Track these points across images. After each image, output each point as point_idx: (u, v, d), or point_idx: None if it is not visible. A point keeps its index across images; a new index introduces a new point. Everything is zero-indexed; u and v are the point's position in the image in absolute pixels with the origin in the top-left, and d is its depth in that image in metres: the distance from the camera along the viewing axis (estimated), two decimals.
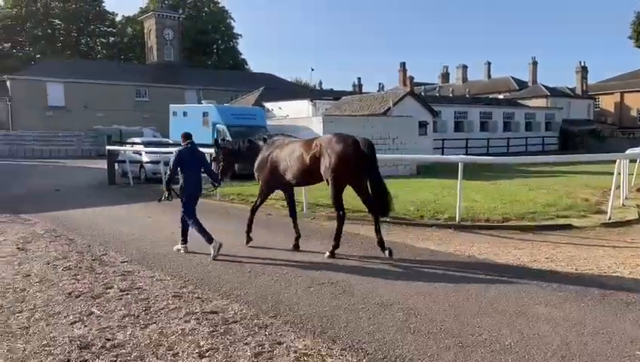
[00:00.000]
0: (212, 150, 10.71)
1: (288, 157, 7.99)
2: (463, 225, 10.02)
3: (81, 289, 5.95)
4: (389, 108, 27.72)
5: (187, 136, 8.38)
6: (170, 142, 22.65)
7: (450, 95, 50.00)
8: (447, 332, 4.69)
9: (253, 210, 8.57)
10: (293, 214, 8.48)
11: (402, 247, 8.27)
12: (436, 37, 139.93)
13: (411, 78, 71.18)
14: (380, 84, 64.52)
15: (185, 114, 25.54)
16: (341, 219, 7.64)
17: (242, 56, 77.96)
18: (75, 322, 4.96)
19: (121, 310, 5.28)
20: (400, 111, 27.60)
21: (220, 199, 14.02)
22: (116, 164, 19.55)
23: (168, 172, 8.09)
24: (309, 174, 7.84)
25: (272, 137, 8.84)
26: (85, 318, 5.06)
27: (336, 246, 7.64)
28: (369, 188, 7.61)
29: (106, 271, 6.84)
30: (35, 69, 48.67)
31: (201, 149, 8.82)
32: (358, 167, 7.43)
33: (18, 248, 8.15)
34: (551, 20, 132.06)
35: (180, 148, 8.27)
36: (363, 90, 60.99)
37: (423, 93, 44.10)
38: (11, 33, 62.75)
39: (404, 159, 21.91)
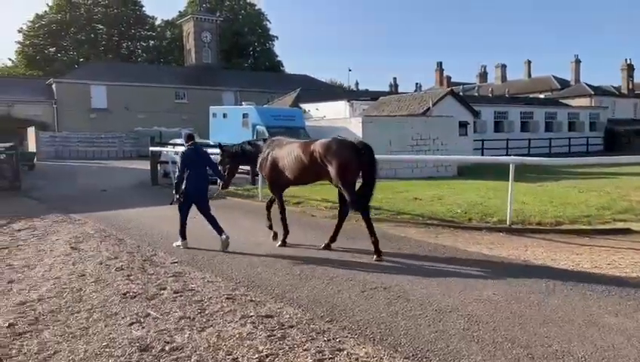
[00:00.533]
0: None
1: (287, 156, 8.27)
2: (514, 229, 9.68)
3: (135, 290, 5.98)
4: (429, 109, 27.29)
5: (190, 137, 8.93)
6: (211, 143, 22.86)
7: (490, 95, 48.94)
8: (514, 342, 4.48)
9: (281, 212, 8.67)
10: (269, 207, 8.94)
11: (453, 251, 8.05)
12: (472, 37, 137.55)
13: (448, 78, 69.90)
14: (417, 84, 63.85)
15: (225, 115, 25.77)
16: (368, 220, 7.64)
17: (278, 58, 78.46)
18: (133, 323, 4.97)
19: (176, 312, 5.27)
20: (439, 112, 27.14)
21: (263, 200, 13.99)
22: (158, 165, 19.86)
23: (177, 173, 8.51)
24: (307, 174, 8.15)
25: (272, 138, 9.21)
26: (142, 320, 5.06)
27: (375, 242, 7.54)
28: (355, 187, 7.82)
29: (157, 271, 6.87)
30: (79, 72, 50.12)
31: None
32: (358, 169, 7.71)
33: (71, 248, 8.30)
34: (594, 20, 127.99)
35: (185, 149, 8.75)
36: (399, 91, 60.47)
37: (461, 93, 43.29)
38: (56, 38, 64.87)
39: (449, 160, 21.43)
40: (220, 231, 8.23)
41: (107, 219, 11.27)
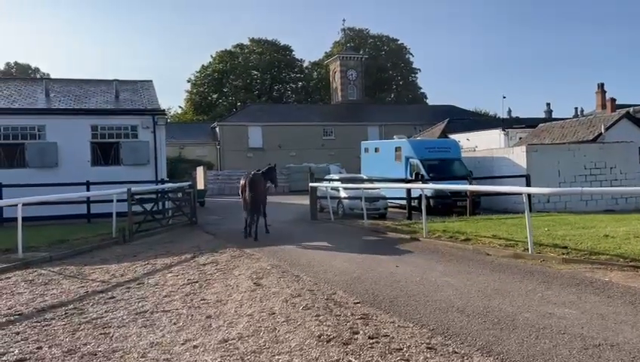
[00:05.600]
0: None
1: (241, 183, 14.97)
2: None
3: (328, 333, 5.79)
4: (600, 134, 24.65)
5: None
6: (365, 177, 23.00)
7: None
8: None
9: (246, 220, 14.73)
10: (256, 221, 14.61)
11: None
12: (630, 53, 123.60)
13: (613, 100, 63.32)
14: (576, 108, 58.40)
15: (376, 150, 25.83)
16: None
17: (421, 90, 78.03)
18: None
19: (379, 360, 4.94)
20: (613, 137, 24.36)
21: (427, 236, 13.45)
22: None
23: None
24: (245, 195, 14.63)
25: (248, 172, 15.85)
26: None
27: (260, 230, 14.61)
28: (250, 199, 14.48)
29: (343, 313, 6.67)
30: (238, 115, 54.67)
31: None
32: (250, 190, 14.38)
33: (254, 283, 8.51)
34: None
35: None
36: (553, 117, 56.00)
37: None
38: (218, 85, 71.88)
39: None
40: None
41: (277, 254, 11.56)
